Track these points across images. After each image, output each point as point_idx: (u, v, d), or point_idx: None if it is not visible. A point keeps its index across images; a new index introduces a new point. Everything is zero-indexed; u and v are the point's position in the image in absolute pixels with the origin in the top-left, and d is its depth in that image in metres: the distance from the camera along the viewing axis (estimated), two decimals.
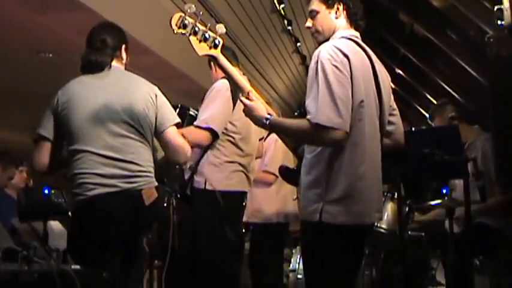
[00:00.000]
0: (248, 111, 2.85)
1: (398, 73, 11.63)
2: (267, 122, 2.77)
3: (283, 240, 5.76)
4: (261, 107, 2.82)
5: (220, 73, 3.63)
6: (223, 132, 3.91)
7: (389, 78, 3.02)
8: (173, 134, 3.25)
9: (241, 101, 2.89)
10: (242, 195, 4.06)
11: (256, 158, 4.41)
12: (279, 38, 10.14)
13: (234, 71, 2.96)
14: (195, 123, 3.83)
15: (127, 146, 3.12)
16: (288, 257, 6.07)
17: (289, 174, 3.34)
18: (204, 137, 3.81)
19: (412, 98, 12.97)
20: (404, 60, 11.20)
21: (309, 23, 3.01)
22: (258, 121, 2.83)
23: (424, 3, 8.47)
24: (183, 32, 2.76)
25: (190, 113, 4.02)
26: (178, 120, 3.29)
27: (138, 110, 3.15)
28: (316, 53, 2.72)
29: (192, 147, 3.53)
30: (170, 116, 3.27)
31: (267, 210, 5.39)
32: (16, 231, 4.80)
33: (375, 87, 2.84)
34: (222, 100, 3.87)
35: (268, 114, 2.79)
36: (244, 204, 4.22)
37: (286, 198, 5.50)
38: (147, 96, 3.19)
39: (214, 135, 3.84)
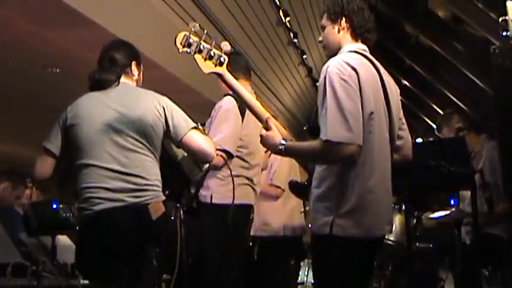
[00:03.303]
0: (264, 141, 2.86)
1: (405, 84, 11.66)
2: (282, 148, 2.78)
3: (290, 253, 5.76)
4: (276, 135, 2.82)
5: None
6: None
7: (398, 91, 3.03)
8: (193, 138, 3.23)
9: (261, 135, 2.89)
10: (248, 208, 4.06)
11: (261, 170, 4.41)
12: (285, 51, 10.17)
13: (241, 88, 2.96)
14: None
15: (133, 160, 3.12)
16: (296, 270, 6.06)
17: (299, 189, 3.35)
18: (219, 158, 3.82)
19: (419, 109, 12.98)
20: (410, 71, 11.23)
21: (320, 37, 3.04)
22: (273, 149, 2.84)
23: (428, 14, 8.51)
24: (188, 50, 2.76)
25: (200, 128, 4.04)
26: (193, 124, 3.28)
27: (144, 124, 3.16)
28: (324, 68, 2.72)
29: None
30: (184, 123, 3.25)
31: (274, 224, 5.40)
32: (24, 246, 4.81)
33: (384, 99, 2.84)
34: (232, 120, 3.89)
35: (283, 139, 2.79)
36: (251, 217, 4.22)
37: (293, 212, 5.51)
38: (153, 110, 3.20)
39: (229, 155, 3.85)
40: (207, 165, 3.56)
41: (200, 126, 4.00)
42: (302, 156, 2.98)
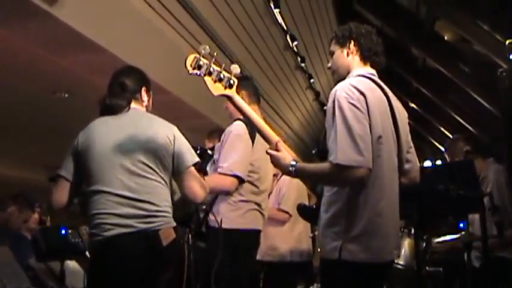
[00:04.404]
0: (275, 161, 2.86)
1: (412, 107, 11.66)
2: (293, 170, 2.77)
3: (298, 278, 5.73)
4: (286, 155, 2.82)
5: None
6: None
7: (406, 115, 3.03)
8: (192, 174, 3.25)
9: (267, 153, 2.89)
10: (257, 233, 4.06)
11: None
12: (293, 75, 10.22)
13: (251, 111, 2.96)
14: (219, 170, 3.84)
15: (144, 186, 3.13)
16: None
17: (307, 212, 3.34)
18: (231, 184, 3.82)
19: (426, 131, 12.97)
20: (417, 93, 11.24)
21: (329, 64, 3.06)
22: (283, 169, 2.84)
23: (434, 37, 8.54)
24: (198, 72, 2.77)
25: (209, 152, 4.06)
26: (197, 159, 3.29)
27: (154, 150, 3.17)
28: (332, 92, 2.72)
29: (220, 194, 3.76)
30: (189, 156, 3.26)
31: (282, 249, 5.37)
32: (33, 271, 4.80)
33: (392, 123, 2.85)
34: (242, 145, 3.89)
35: (293, 160, 2.79)
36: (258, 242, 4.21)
37: (301, 236, 5.48)
38: (164, 137, 3.20)
39: (240, 181, 3.86)
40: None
41: (210, 151, 4.02)
42: (312, 177, 2.96)
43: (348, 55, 2.96)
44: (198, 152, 3.84)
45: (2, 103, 7.07)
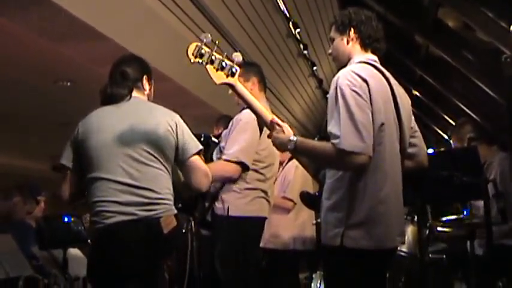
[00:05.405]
0: (274, 140, 2.85)
1: (416, 95, 11.62)
2: (293, 144, 2.76)
3: (301, 266, 5.74)
4: (286, 130, 2.81)
5: None
6: None
7: (409, 101, 3.02)
8: (196, 163, 3.26)
9: (269, 136, 2.89)
10: (263, 221, 4.06)
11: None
12: (295, 62, 10.18)
13: (253, 99, 2.95)
14: (224, 157, 3.84)
15: (145, 174, 3.12)
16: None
17: (310, 200, 3.33)
18: (235, 170, 3.83)
19: (430, 120, 12.93)
20: (421, 81, 11.19)
21: (330, 50, 3.04)
22: (283, 146, 2.82)
23: (439, 25, 8.49)
24: (200, 61, 2.76)
25: (214, 140, 4.06)
26: (200, 147, 3.30)
27: (157, 136, 3.16)
28: (334, 79, 2.71)
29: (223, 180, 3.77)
30: (192, 144, 3.27)
31: (285, 237, 5.38)
32: (36, 259, 4.82)
33: (394, 110, 2.83)
34: (250, 132, 3.89)
35: (293, 135, 2.78)
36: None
37: (305, 225, 5.49)
38: (165, 125, 3.20)
39: (245, 168, 3.85)
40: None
41: (214, 138, 4.02)
42: (312, 155, 2.90)
43: (348, 43, 2.95)
44: (202, 139, 3.85)
45: (3, 92, 7.06)
